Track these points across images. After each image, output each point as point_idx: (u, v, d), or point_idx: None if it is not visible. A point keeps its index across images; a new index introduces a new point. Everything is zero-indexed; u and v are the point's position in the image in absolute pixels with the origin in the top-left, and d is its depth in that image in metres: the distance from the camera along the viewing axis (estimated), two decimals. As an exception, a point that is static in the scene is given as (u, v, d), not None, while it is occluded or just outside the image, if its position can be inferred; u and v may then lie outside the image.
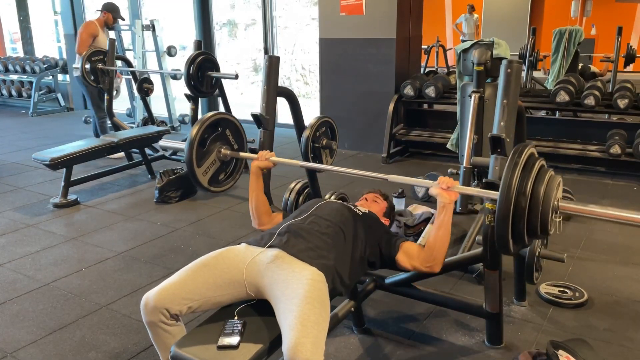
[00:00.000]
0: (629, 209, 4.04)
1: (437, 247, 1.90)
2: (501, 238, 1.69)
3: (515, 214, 1.65)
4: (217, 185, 2.45)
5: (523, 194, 1.64)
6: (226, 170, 2.48)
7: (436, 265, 1.94)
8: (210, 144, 2.37)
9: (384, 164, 5.30)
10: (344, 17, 5.50)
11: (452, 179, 1.88)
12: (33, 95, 8.40)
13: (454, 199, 1.87)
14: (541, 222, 1.67)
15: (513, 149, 1.74)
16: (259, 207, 2.27)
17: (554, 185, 1.68)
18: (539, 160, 1.73)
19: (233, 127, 2.46)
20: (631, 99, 4.50)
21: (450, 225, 1.90)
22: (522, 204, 1.64)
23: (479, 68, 3.10)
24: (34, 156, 4.19)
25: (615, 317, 2.49)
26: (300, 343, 1.46)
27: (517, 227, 1.67)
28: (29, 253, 3.32)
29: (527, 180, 1.65)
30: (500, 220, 1.67)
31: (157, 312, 1.69)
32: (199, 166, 2.32)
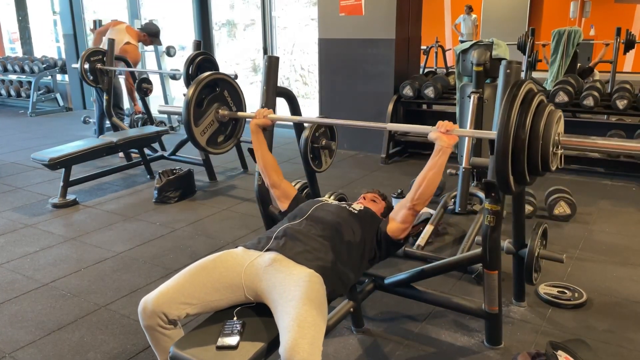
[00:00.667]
0: (628, 209, 4.05)
1: (424, 185, 1.89)
2: (501, 175, 1.63)
3: (515, 148, 1.59)
4: (215, 147, 2.43)
5: (522, 127, 1.58)
6: (225, 132, 2.46)
7: (420, 204, 1.93)
8: (208, 104, 2.35)
9: (383, 164, 5.30)
10: (343, 17, 5.50)
11: (451, 122, 1.86)
12: (32, 95, 8.39)
13: (452, 142, 1.85)
14: (542, 156, 1.61)
15: (511, 84, 1.69)
16: (266, 163, 2.28)
17: (554, 118, 1.63)
18: (538, 94, 1.68)
19: (231, 88, 2.44)
20: (630, 100, 4.51)
21: (442, 169, 1.89)
22: (522, 137, 1.58)
23: (478, 68, 3.10)
24: (32, 156, 4.18)
25: (615, 318, 2.49)
26: (297, 344, 1.46)
27: (517, 162, 1.61)
28: (27, 253, 3.31)
29: (526, 113, 1.60)
30: (499, 156, 1.60)
31: (155, 316, 1.68)
32: (196, 125, 2.30)
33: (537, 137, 1.60)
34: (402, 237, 2.03)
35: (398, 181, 4.64)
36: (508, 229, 2.48)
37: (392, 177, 4.88)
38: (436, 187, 1.93)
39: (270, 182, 2.30)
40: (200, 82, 2.32)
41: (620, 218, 3.73)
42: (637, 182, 4.50)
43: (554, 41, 5.99)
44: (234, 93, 2.48)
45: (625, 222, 3.65)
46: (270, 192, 2.35)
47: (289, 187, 2.32)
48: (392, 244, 2.04)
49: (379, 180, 4.79)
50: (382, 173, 5.05)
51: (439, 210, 3.42)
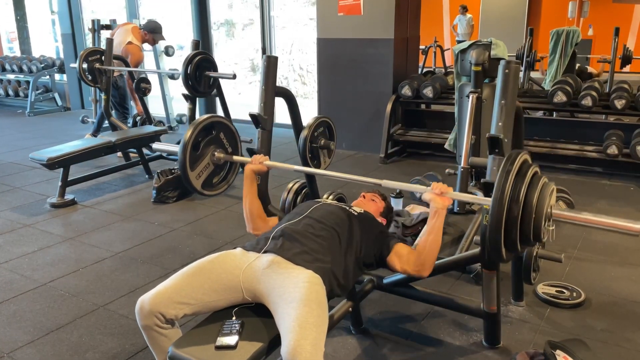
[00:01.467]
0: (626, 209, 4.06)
1: (426, 251, 1.90)
2: (494, 245, 1.68)
3: (508, 221, 1.64)
4: (210, 189, 2.43)
5: (516, 201, 1.62)
6: (220, 173, 2.46)
7: (425, 270, 1.93)
8: (204, 147, 2.34)
9: (382, 164, 5.30)
10: (342, 17, 5.50)
11: (445, 184, 1.87)
12: (30, 95, 8.38)
13: (447, 204, 1.86)
14: (534, 229, 1.66)
15: (506, 156, 1.72)
16: (252, 211, 2.26)
17: (547, 192, 1.67)
18: (533, 166, 1.72)
19: (227, 130, 2.44)
20: (628, 100, 4.51)
21: (441, 231, 1.90)
22: (515, 212, 1.63)
23: (477, 68, 3.11)
24: (31, 156, 4.18)
25: (613, 318, 2.50)
26: (299, 345, 1.46)
27: (510, 234, 1.66)
28: (25, 253, 3.31)
29: (520, 187, 1.64)
30: (492, 228, 1.65)
31: (152, 316, 1.68)
32: (192, 169, 2.29)
33: (530, 212, 1.65)
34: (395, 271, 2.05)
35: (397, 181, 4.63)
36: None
37: (390, 177, 4.84)
38: (438, 251, 1.92)
39: (253, 227, 2.26)
40: (197, 125, 2.30)
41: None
42: (635, 182, 4.50)
43: (552, 41, 5.99)
44: (230, 135, 2.46)
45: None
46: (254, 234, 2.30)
47: (273, 220, 2.29)
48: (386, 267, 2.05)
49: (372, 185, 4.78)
50: (380, 173, 5.05)
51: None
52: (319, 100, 5.96)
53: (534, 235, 1.67)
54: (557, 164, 4.89)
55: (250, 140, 4.77)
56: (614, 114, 4.82)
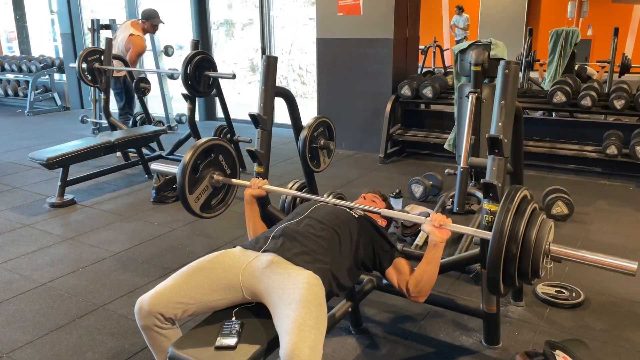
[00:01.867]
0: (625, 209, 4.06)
1: (424, 281, 1.89)
2: (492, 281, 1.70)
3: (507, 259, 1.66)
4: (209, 212, 2.41)
5: (514, 240, 1.64)
6: (218, 195, 2.45)
7: (421, 297, 1.93)
8: (203, 170, 2.33)
9: (381, 164, 5.30)
10: (341, 17, 5.50)
11: (444, 216, 1.86)
12: (29, 95, 8.38)
13: (445, 237, 1.85)
14: (532, 266, 1.67)
15: (505, 193, 1.74)
16: (257, 234, 2.23)
17: (546, 229, 1.69)
18: (532, 203, 1.74)
19: (226, 153, 2.43)
20: (627, 100, 4.52)
21: (439, 262, 1.89)
22: (514, 250, 1.65)
23: (477, 68, 3.10)
24: (30, 156, 4.17)
25: (612, 318, 2.50)
26: (298, 347, 1.46)
27: (508, 271, 1.68)
28: (25, 253, 3.31)
29: (518, 225, 1.66)
30: (491, 265, 1.67)
31: (151, 316, 1.68)
32: (190, 193, 2.28)
33: (528, 249, 1.66)
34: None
35: (396, 181, 4.64)
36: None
37: (390, 177, 4.88)
38: (434, 280, 1.92)
39: None
40: (197, 148, 2.29)
41: (618, 218, 3.74)
42: (634, 182, 4.51)
43: (551, 41, 5.99)
44: (229, 157, 2.46)
45: (622, 222, 3.66)
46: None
47: None
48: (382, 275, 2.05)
49: (377, 180, 4.79)
50: (380, 173, 5.05)
51: (437, 209, 3.42)
52: (319, 100, 5.96)
53: (532, 271, 1.69)
54: (557, 164, 4.90)
55: (249, 140, 4.79)
56: (613, 114, 4.83)
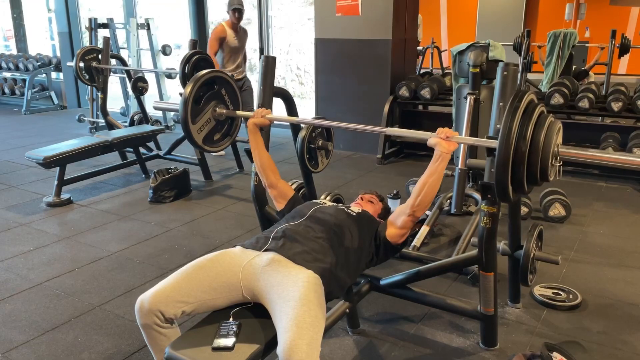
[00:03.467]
0: (622, 211, 4.06)
1: (424, 192, 1.90)
2: (500, 184, 1.67)
3: (515, 158, 1.63)
4: (211, 145, 2.42)
5: (523, 138, 1.62)
6: (221, 130, 2.46)
7: (419, 210, 1.94)
8: (206, 102, 2.34)
9: (379, 165, 5.30)
10: (339, 17, 5.49)
11: (451, 129, 1.88)
12: (26, 93, 8.35)
13: (452, 149, 1.87)
14: (541, 167, 1.65)
15: (513, 94, 1.72)
16: (263, 163, 2.28)
17: (554, 130, 1.66)
18: (539, 105, 1.71)
19: (229, 87, 2.44)
20: (625, 102, 4.53)
21: (442, 175, 1.91)
22: (522, 148, 1.62)
23: (475, 70, 3.11)
24: (27, 154, 4.16)
25: (609, 320, 2.50)
26: (296, 345, 1.46)
27: (516, 172, 1.65)
28: (21, 252, 3.29)
29: (527, 125, 1.63)
30: (500, 166, 1.64)
31: (151, 314, 1.68)
32: (193, 123, 2.29)
33: (537, 149, 1.64)
34: (400, 241, 2.05)
35: (394, 182, 4.64)
36: (503, 231, 2.48)
37: (387, 178, 4.88)
38: (436, 193, 1.95)
39: (267, 182, 2.30)
40: (198, 79, 2.32)
41: (615, 220, 3.75)
42: (631, 184, 4.52)
43: (549, 43, 6.01)
44: (232, 92, 2.47)
45: (619, 224, 3.67)
46: (266, 191, 2.35)
47: (287, 187, 2.32)
48: (391, 248, 2.06)
49: (374, 181, 4.79)
50: (377, 173, 5.05)
51: (434, 211, 3.42)
52: (317, 101, 5.95)
53: (541, 173, 1.66)
54: (554, 166, 4.90)
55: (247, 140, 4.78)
56: (611, 116, 4.84)
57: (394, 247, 2.05)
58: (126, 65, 6.08)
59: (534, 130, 1.64)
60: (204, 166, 4.78)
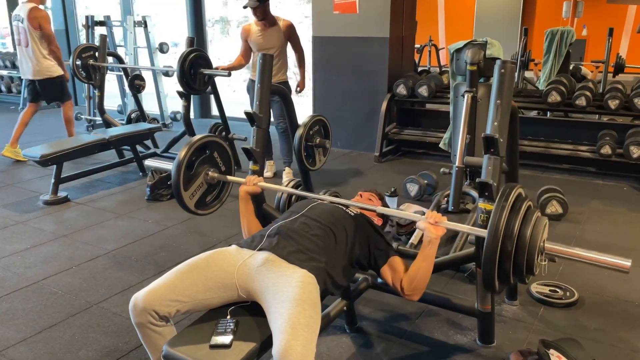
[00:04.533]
0: (619, 209, 4.07)
1: (418, 278, 1.90)
2: (487, 278, 1.72)
3: (502, 256, 1.67)
4: (203, 208, 2.40)
5: (510, 237, 1.66)
6: (213, 192, 2.44)
7: (415, 295, 1.94)
8: (198, 167, 2.33)
9: (377, 163, 5.31)
10: (337, 15, 5.49)
11: (439, 214, 1.87)
12: (23, 91, 8.28)
13: (440, 234, 1.85)
14: (527, 263, 1.69)
15: (500, 191, 1.75)
16: (250, 230, 2.25)
17: (541, 227, 1.71)
18: (526, 201, 1.76)
19: (221, 150, 2.43)
20: (622, 100, 4.53)
21: (433, 259, 1.89)
22: (509, 247, 1.66)
23: (472, 68, 3.10)
24: (23, 152, 4.16)
25: (606, 317, 2.51)
26: (291, 346, 1.46)
27: (503, 268, 1.69)
28: (18, 250, 3.28)
29: (514, 223, 1.67)
30: (487, 262, 1.69)
31: (145, 313, 1.67)
32: (185, 189, 2.27)
33: (523, 246, 1.68)
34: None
35: (391, 179, 4.64)
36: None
37: (385, 176, 4.88)
38: (429, 278, 1.92)
39: None
40: (192, 145, 2.28)
41: (612, 217, 3.76)
42: (628, 182, 4.53)
43: (546, 41, 6.01)
44: (224, 154, 2.45)
45: (616, 222, 3.68)
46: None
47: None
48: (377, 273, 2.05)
49: (372, 179, 4.79)
50: (375, 171, 5.05)
51: (432, 208, 3.43)
52: (314, 99, 5.95)
53: (527, 268, 1.70)
54: (551, 164, 4.91)
55: (245, 138, 4.77)
56: (608, 114, 4.84)
57: None
58: (123, 63, 6.06)
59: (521, 228, 1.69)
60: (202, 164, 4.76)
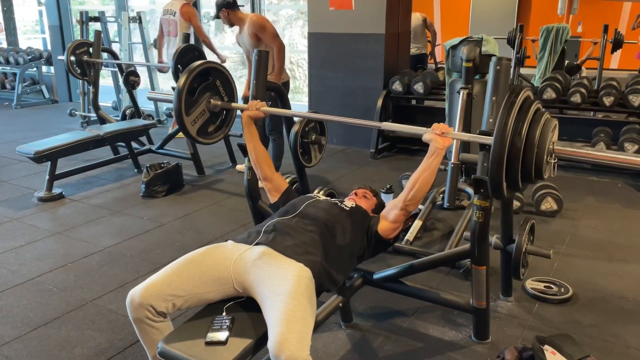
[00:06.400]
0: (613, 205, 4.09)
1: (417, 186, 1.91)
2: (495, 181, 1.66)
3: (510, 155, 1.62)
4: (205, 137, 2.41)
5: (518, 135, 1.60)
6: (215, 121, 2.45)
7: (412, 204, 1.95)
8: (200, 94, 2.33)
9: (372, 159, 5.31)
10: (333, 11, 5.48)
11: (446, 125, 1.88)
12: (17, 87, 8.27)
13: (447, 144, 1.88)
14: (536, 164, 1.64)
15: (509, 90, 1.70)
16: (258, 157, 2.28)
17: (550, 127, 1.65)
18: (535, 102, 1.70)
19: (223, 78, 2.42)
20: (616, 97, 4.55)
21: (436, 170, 1.92)
22: (518, 145, 1.60)
23: (468, 64, 3.11)
24: (18, 149, 4.13)
25: (600, 313, 2.52)
26: (286, 339, 1.46)
27: (511, 169, 1.64)
28: (13, 247, 3.27)
29: (522, 121, 1.62)
30: (494, 162, 1.63)
31: (142, 308, 1.68)
32: (187, 115, 2.27)
33: (532, 146, 1.62)
34: (392, 236, 2.06)
35: (387, 176, 4.65)
36: (496, 225, 2.49)
37: (381, 172, 4.89)
38: (429, 188, 1.95)
39: (262, 175, 2.30)
40: (192, 70, 2.30)
41: (606, 214, 3.78)
42: (622, 179, 4.55)
43: (542, 38, 6.01)
44: (226, 83, 2.45)
45: (610, 218, 3.70)
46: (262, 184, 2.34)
47: (281, 180, 2.32)
48: (382, 242, 2.06)
49: (368, 176, 4.80)
50: (371, 168, 5.06)
51: (427, 205, 3.43)
52: (310, 95, 5.94)
53: (536, 170, 1.65)
54: (546, 160, 4.92)
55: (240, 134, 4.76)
56: (603, 111, 4.86)
57: (384, 241, 2.06)
58: (118, 59, 6.03)
59: (530, 127, 1.63)
60: (197, 161, 4.76)
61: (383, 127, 2.13)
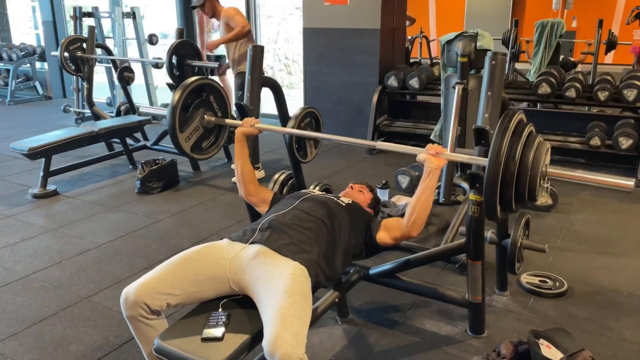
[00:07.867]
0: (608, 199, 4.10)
1: (417, 211, 1.91)
2: (489, 204, 1.69)
3: (504, 179, 1.65)
4: (199, 153, 2.41)
5: (512, 159, 1.63)
6: (209, 137, 2.45)
7: (414, 230, 1.95)
8: (194, 110, 2.33)
9: (368, 155, 5.31)
10: (328, 6, 5.46)
11: (440, 145, 1.89)
12: (10, 83, 8.22)
13: (441, 165, 1.89)
14: (529, 187, 1.66)
15: (503, 114, 1.73)
16: (244, 174, 2.27)
17: (543, 150, 1.68)
18: (528, 125, 1.73)
19: (217, 94, 2.42)
20: (611, 92, 4.56)
21: (433, 191, 1.93)
22: (511, 169, 1.63)
23: (463, 59, 3.11)
24: (11, 145, 4.10)
25: (594, 307, 2.54)
26: (281, 337, 1.46)
27: (505, 192, 1.66)
28: (7, 244, 3.26)
29: (516, 145, 1.65)
30: (488, 186, 1.66)
31: (136, 306, 1.67)
32: (181, 131, 2.28)
33: (526, 170, 1.65)
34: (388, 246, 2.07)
35: (382, 172, 4.65)
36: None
37: (376, 168, 4.89)
38: (429, 211, 1.94)
39: (245, 192, 2.29)
40: (186, 87, 2.28)
41: (600, 208, 3.79)
42: (617, 173, 4.52)
43: (537, 33, 6.02)
44: (220, 99, 2.44)
45: (605, 212, 3.71)
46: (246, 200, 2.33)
47: (265, 192, 2.32)
48: (378, 248, 2.08)
49: (363, 171, 4.80)
50: (366, 163, 5.06)
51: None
52: (305, 91, 5.93)
53: (529, 193, 1.67)
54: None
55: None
56: (597, 105, 4.87)
57: (381, 248, 2.07)
58: (112, 55, 6.00)
59: (523, 151, 1.66)
60: (192, 157, 4.74)
61: (377, 146, 2.12)
